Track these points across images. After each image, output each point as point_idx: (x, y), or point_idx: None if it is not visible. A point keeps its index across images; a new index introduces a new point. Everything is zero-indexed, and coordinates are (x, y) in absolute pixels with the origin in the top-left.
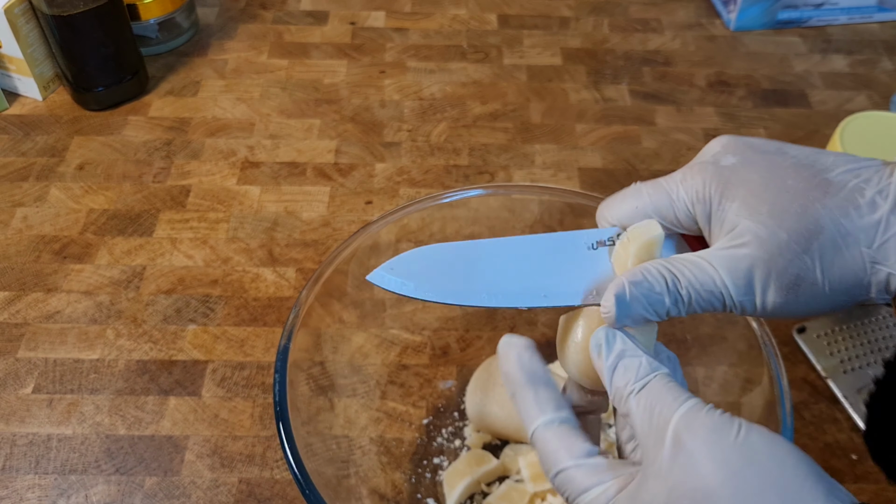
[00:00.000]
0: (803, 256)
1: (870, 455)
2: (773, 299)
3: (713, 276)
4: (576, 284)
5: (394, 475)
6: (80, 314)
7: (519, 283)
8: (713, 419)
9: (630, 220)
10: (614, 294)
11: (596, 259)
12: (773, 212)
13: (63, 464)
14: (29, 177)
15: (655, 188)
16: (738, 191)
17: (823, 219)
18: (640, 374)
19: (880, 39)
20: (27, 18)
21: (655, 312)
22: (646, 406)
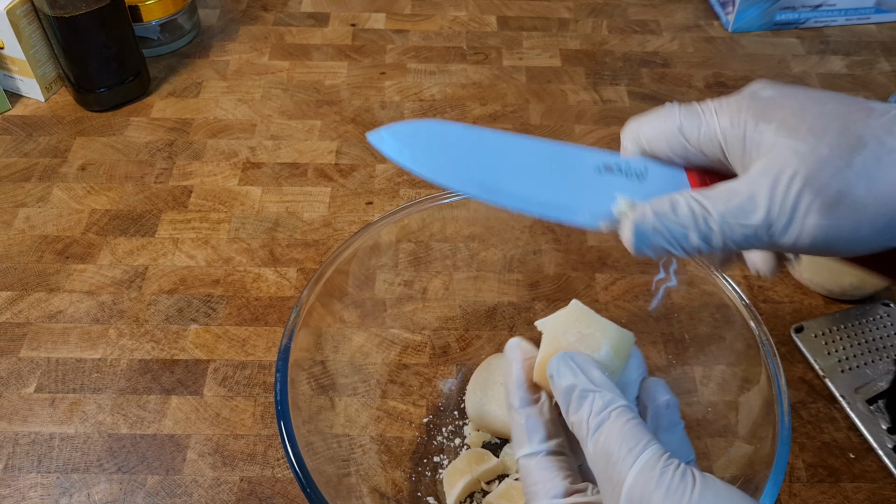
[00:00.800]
0: (846, 171)
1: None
2: (813, 221)
3: (751, 201)
4: (572, 202)
5: (394, 474)
6: (82, 314)
7: (516, 184)
8: (667, 481)
9: (655, 134)
10: (634, 222)
11: (601, 183)
12: (814, 129)
13: (65, 463)
14: (31, 177)
15: (688, 109)
16: (776, 114)
17: (866, 135)
18: (594, 411)
19: (878, 41)
20: (29, 20)
21: (680, 247)
22: (602, 451)
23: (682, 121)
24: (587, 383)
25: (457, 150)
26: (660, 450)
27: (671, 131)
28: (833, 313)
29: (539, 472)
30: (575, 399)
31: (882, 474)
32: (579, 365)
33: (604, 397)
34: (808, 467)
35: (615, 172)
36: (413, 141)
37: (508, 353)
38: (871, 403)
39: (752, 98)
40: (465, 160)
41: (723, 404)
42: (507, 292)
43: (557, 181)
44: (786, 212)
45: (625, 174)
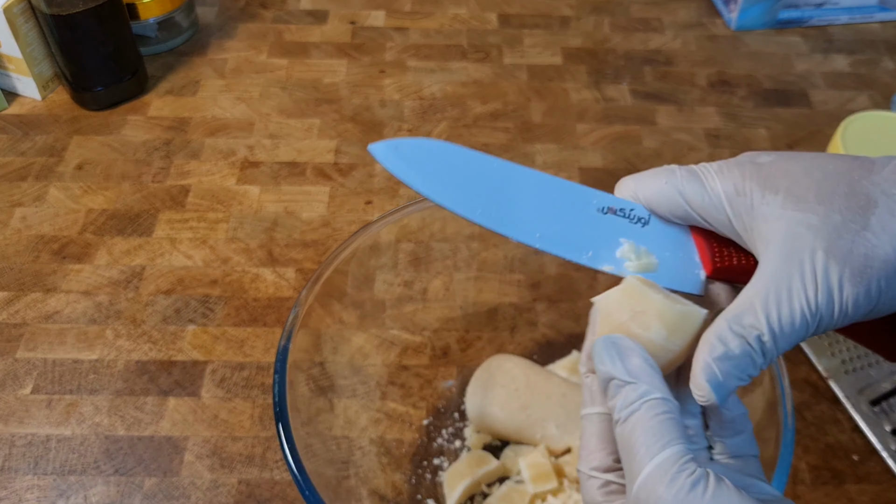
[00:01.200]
0: (865, 233)
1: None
2: (849, 291)
3: (787, 300)
4: (575, 239)
5: (394, 476)
6: (79, 314)
7: (517, 213)
8: (677, 485)
9: (655, 196)
10: (706, 381)
11: (604, 224)
12: (820, 197)
13: (62, 464)
14: (28, 176)
15: (689, 172)
16: (781, 182)
17: (874, 193)
18: (626, 401)
19: (882, 39)
20: (26, 18)
21: (749, 376)
22: (626, 441)
23: (684, 185)
24: (624, 373)
25: (461, 174)
26: (681, 451)
27: (672, 195)
28: None
29: (587, 436)
30: (611, 387)
31: (886, 476)
32: (619, 352)
33: (637, 389)
34: (812, 469)
35: (618, 215)
36: (417, 159)
37: (591, 318)
38: (875, 405)
39: (752, 164)
40: (470, 185)
41: None
42: (509, 293)
43: (561, 216)
44: (822, 295)
45: (628, 218)
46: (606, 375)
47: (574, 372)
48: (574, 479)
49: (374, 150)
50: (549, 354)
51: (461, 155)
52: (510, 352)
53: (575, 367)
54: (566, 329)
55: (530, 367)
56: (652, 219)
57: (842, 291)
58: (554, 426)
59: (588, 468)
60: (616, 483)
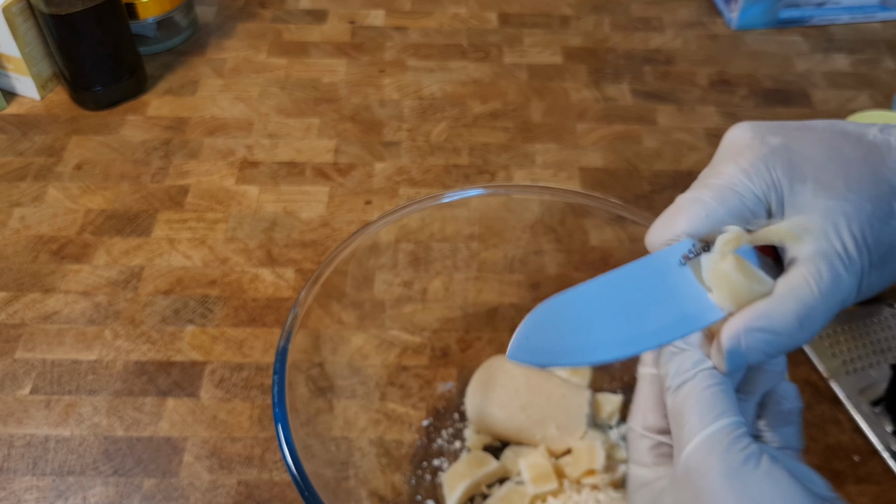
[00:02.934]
0: (891, 221)
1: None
2: (873, 278)
3: (836, 277)
4: (692, 313)
5: (393, 477)
6: (77, 315)
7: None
8: (729, 458)
9: (704, 230)
10: (727, 349)
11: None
12: (850, 184)
13: (61, 465)
14: (26, 176)
15: (715, 190)
16: (807, 169)
17: (894, 179)
18: (680, 368)
19: (882, 39)
20: (25, 17)
21: (780, 353)
22: (677, 409)
23: (720, 203)
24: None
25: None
26: (734, 424)
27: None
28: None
29: (641, 393)
30: (665, 353)
31: (887, 477)
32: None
33: (692, 357)
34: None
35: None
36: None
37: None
38: (876, 405)
39: (769, 150)
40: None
41: None
42: (509, 293)
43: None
44: (856, 276)
45: (697, 253)
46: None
47: (574, 373)
48: (574, 479)
49: (513, 357)
50: None
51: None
52: None
53: (574, 367)
54: None
55: (530, 368)
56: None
57: (869, 278)
58: (554, 427)
59: (641, 427)
60: (668, 445)
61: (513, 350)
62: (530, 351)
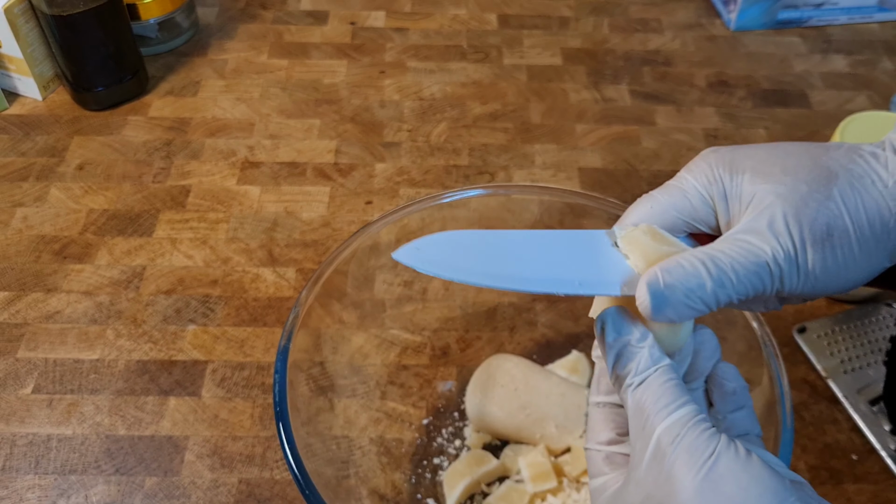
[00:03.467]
0: (828, 203)
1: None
2: (812, 256)
3: (753, 246)
4: (609, 276)
5: (394, 475)
6: (79, 314)
7: (550, 271)
8: (692, 439)
9: (647, 219)
10: (647, 283)
11: (616, 255)
12: (786, 169)
13: (63, 464)
14: (29, 177)
15: (665, 188)
16: (746, 163)
17: (834, 166)
18: (639, 368)
19: (880, 40)
20: (27, 18)
21: (700, 300)
22: (638, 405)
23: (668, 199)
24: (638, 338)
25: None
26: (694, 410)
27: (664, 211)
28: (836, 314)
29: (593, 419)
30: (624, 354)
31: (885, 476)
32: (631, 320)
33: (652, 355)
34: (811, 469)
35: None
36: (438, 253)
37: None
38: (874, 404)
39: (715, 154)
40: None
41: None
42: (508, 293)
43: (585, 260)
44: (787, 249)
45: None
46: (615, 342)
47: (574, 371)
48: (574, 478)
49: (399, 257)
50: (549, 354)
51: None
52: (509, 352)
53: (574, 366)
54: (565, 329)
55: (529, 367)
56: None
57: (804, 254)
58: (553, 426)
59: (595, 444)
60: (619, 454)
61: (400, 252)
62: (420, 258)
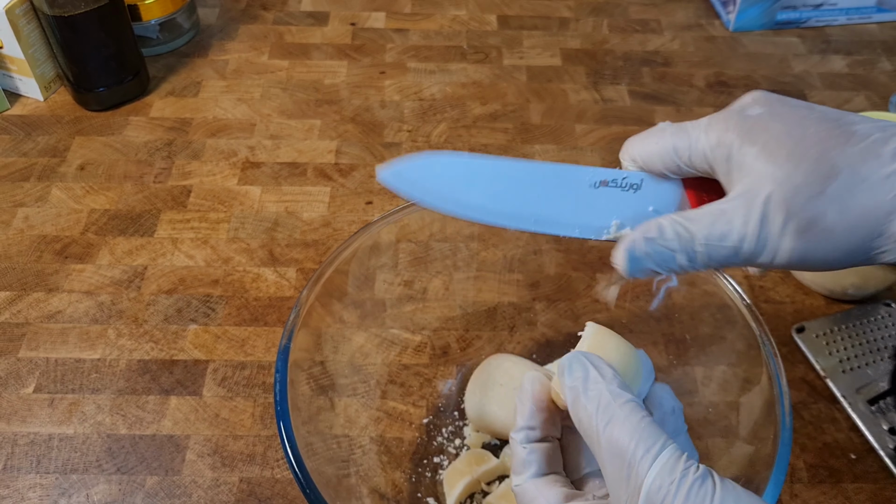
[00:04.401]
0: (819, 198)
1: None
2: (787, 244)
3: (729, 224)
4: (569, 217)
5: (394, 474)
6: (81, 314)
7: (513, 204)
8: (687, 484)
9: (649, 156)
10: (626, 249)
11: (597, 197)
12: (791, 155)
13: (64, 463)
14: (30, 177)
15: (679, 129)
16: (760, 136)
17: (841, 163)
18: (602, 404)
19: (879, 40)
20: (28, 19)
21: (668, 268)
22: (615, 449)
23: (674, 140)
24: (598, 377)
25: (458, 181)
26: (677, 450)
27: (664, 150)
28: (834, 314)
29: (535, 490)
30: (582, 393)
31: (883, 475)
32: (591, 361)
33: (611, 391)
34: (810, 468)
35: (611, 186)
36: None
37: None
38: (873, 404)
39: (740, 116)
40: (467, 188)
41: (724, 405)
42: (508, 292)
43: (554, 198)
44: (758, 234)
45: (620, 187)
46: (578, 381)
47: None
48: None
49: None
50: (548, 353)
51: (457, 162)
52: (509, 351)
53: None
54: (565, 328)
55: (529, 367)
56: (644, 182)
57: (780, 240)
58: None
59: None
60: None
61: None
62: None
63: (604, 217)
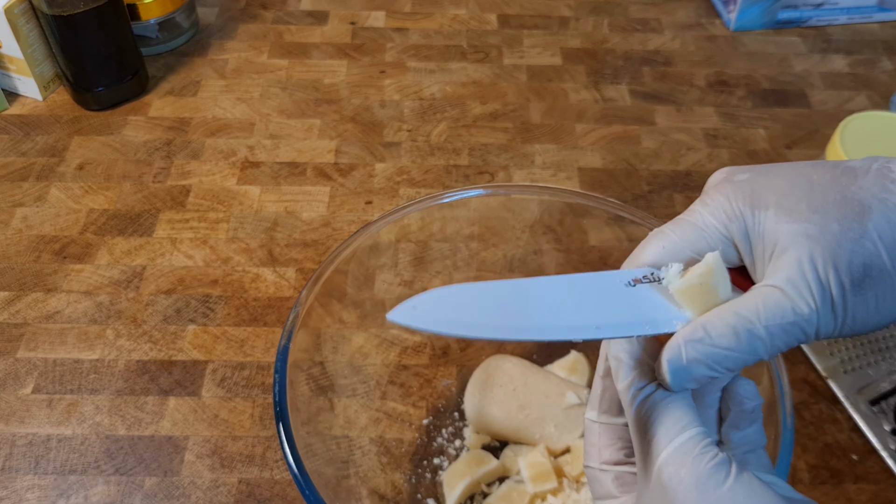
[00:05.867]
0: (863, 241)
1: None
2: (850, 301)
3: (786, 300)
4: (624, 317)
5: (394, 475)
6: (79, 314)
7: (561, 318)
8: (700, 469)
9: (661, 260)
10: (667, 360)
11: (637, 294)
12: (814, 206)
13: (63, 464)
14: (29, 177)
15: (678, 224)
16: (769, 197)
17: (866, 199)
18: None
19: (880, 39)
20: (27, 18)
21: (726, 370)
22: (641, 423)
23: (679, 237)
24: (640, 352)
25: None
26: (701, 434)
27: (677, 250)
28: None
29: (598, 436)
30: (624, 368)
31: (885, 476)
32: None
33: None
34: (811, 469)
35: (644, 282)
36: (438, 311)
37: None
38: (874, 404)
39: (732, 184)
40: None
41: None
42: None
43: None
44: (825, 299)
45: (657, 281)
46: (621, 353)
47: (573, 372)
48: (574, 478)
49: (394, 318)
50: (548, 354)
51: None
52: (509, 352)
53: (574, 366)
54: None
55: (528, 367)
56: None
57: (842, 300)
58: (552, 426)
59: (599, 463)
60: (628, 473)
61: (396, 312)
62: (418, 319)
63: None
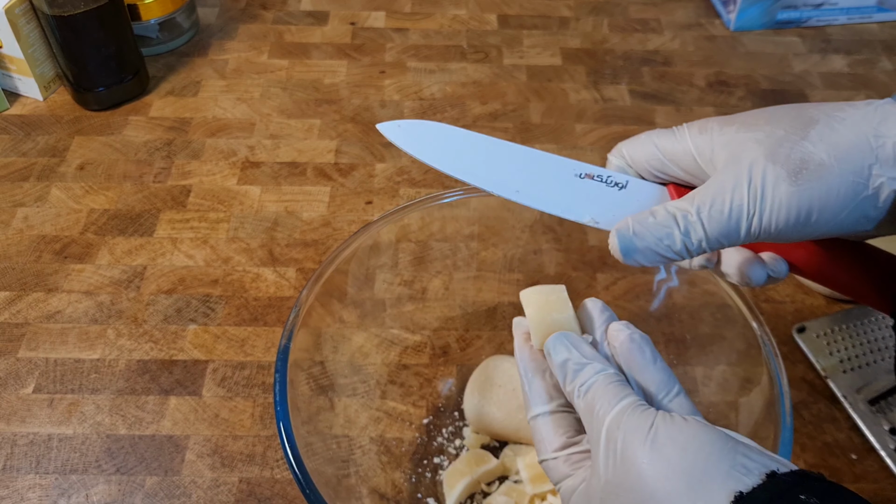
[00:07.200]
0: (803, 142)
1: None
2: (783, 190)
3: (722, 192)
4: (550, 196)
5: (394, 475)
6: (80, 314)
7: (500, 174)
8: (634, 419)
9: (637, 151)
10: (616, 230)
11: (580, 187)
12: (770, 119)
13: (64, 463)
14: (30, 177)
15: (665, 130)
16: (738, 117)
17: (817, 115)
18: (584, 377)
19: (879, 39)
20: (28, 18)
21: (669, 248)
22: (588, 406)
23: (659, 139)
24: (580, 357)
25: (453, 146)
26: (637, 400)
27: (650, 149)
28: (835, 313)
29: (542, 431)
30: (570, 372)
31: (884, 475)
32: (572, 343)
33: (594, 368)
34: (810, 468)
35: (596, 180)
36: (418, 135)
37: (514, 331)
38: (874, 404)
39: (718, 116)
40: (460, 154)
41: (724, 404)
42: (508, 292)
43: (538, 177)
44: (757, 190)
45: (605, 183)
46: (563, 361)
47: None
48: None
49: (382, 128)
50: None
51: (454, 131)
52: (509, 351)
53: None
54: None
55: None
56: (630, 184)
57: (775, 190)
58: None
59: (551, 453)
60: (577, 453)
61: (386, 125)
62: (404, 135)
63: (583, 205)
